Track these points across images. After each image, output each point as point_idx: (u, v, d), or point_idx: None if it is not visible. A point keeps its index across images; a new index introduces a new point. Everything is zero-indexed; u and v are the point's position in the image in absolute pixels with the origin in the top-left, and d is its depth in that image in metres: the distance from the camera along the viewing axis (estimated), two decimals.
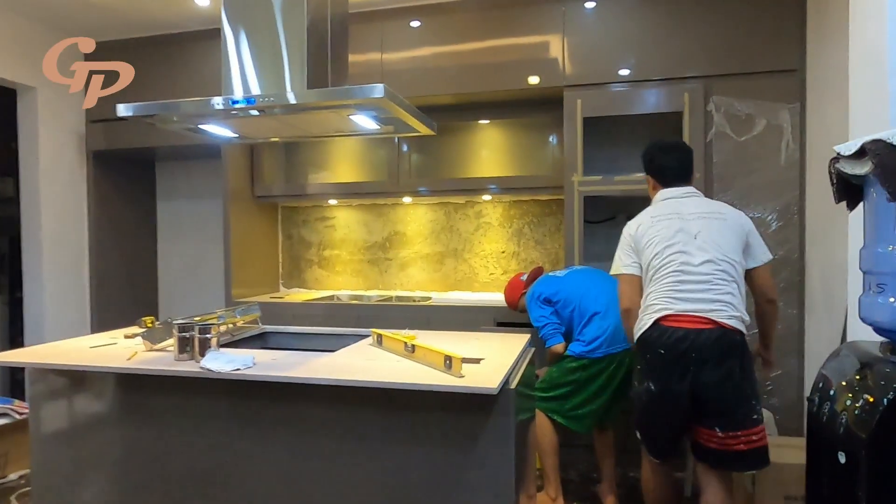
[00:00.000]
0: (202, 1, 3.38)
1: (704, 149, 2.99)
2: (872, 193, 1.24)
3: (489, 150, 3.84)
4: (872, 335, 1.38)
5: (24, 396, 3.53)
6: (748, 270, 2.07)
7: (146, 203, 4.52)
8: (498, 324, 3.22)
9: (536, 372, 2.64)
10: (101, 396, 2.03)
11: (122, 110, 2.18)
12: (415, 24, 3.42)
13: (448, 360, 1.70)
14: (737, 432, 1.91)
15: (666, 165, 2.20)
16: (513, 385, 1.70)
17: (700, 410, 1.95)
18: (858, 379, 1.23)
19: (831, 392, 1.26)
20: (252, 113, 2.10)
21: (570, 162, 3.17)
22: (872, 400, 1.12)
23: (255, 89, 2.21)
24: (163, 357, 1.95)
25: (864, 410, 1.14)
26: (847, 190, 1.30)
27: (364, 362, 1.88)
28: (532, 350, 2.22)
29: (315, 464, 1.82)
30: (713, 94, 2.99)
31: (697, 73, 3.03)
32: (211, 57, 3.66)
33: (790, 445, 2.41)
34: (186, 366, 1.83)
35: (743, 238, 2.04)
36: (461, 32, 3.36)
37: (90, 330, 3.98)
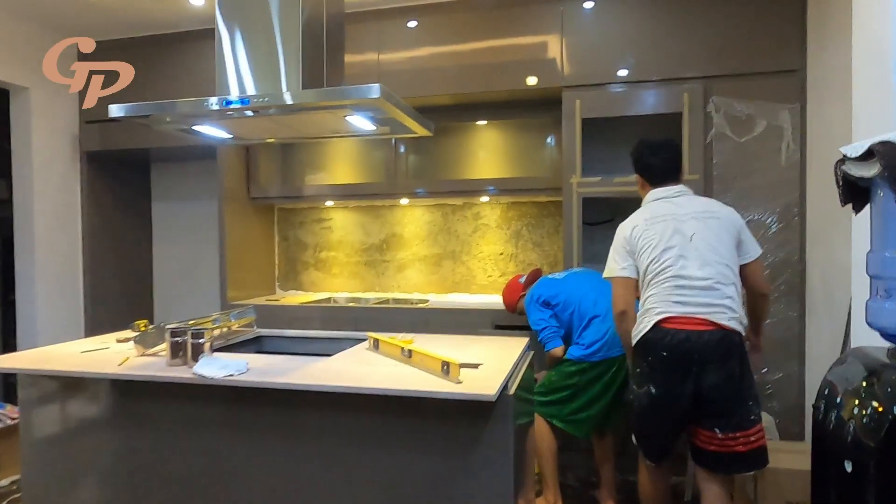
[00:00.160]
0: (196, 0, 3.35)
1: (704, 150, 2.97)
2: (880, 196, 1.21)
3: (487, 152, 3.82)
4: (878, 340, 1.36)
5: (17, 401, 3.48)
6: (741, 266, 2.07)
7: (141, 205, 4.48)
8: (496, 326, 3.19)
9: (535, 376, 2.61)
10: (93, 402, 1.99)
11: (115, 111, 2.14)
12: (412, 24, 3.40)
13: (445, 366, 1.67)
14: (736, 433, 1.92)
15: (654, 164, 2.19)
16: (511, 391, 1.68)
17: (701, 412, 1.94)
18: (865, 386, 1.20)
19: (838, 399, 1.23)
20: (247, 113, 2.07)
21: (569, 163, 3.15)
22: (882, 409, 1.09)
23: (250, 89, 2.17)
24: (155, 362, 1.92)
25: (873, 419, 1.11)
26: (853, 192, 1.27)
27: (360, 368, 1.85)
28: (531, 354, 2.20)
29: (311, 471, 1.79)
30: (713, 95, 2.97)
31: (697, 74, 3.01)
32: (206, 57, 3.63)
33: (792, 450, 2.38)
34: (179, 371, 1.80)
35: (736, 236, 2.05)
36: (459, 32, 3.33)
37: (84, 333, 3.93)
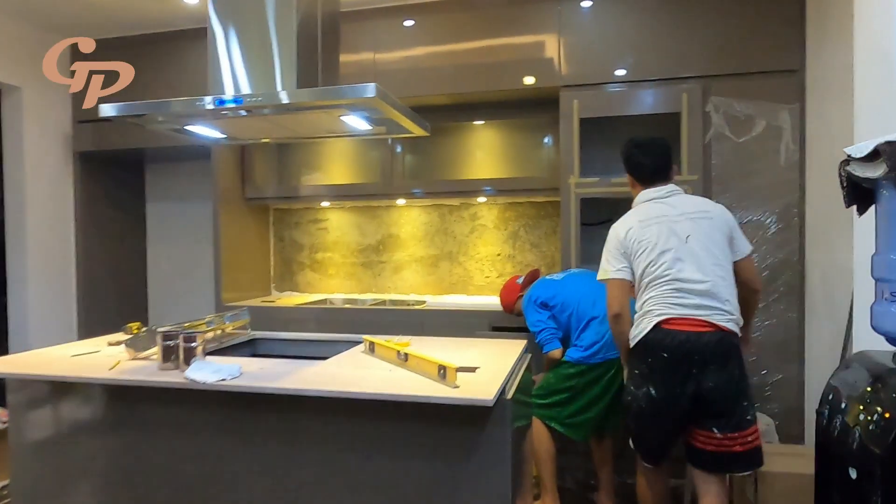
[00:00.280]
0: None
1: (703, 150, 2.94)
2: (885, 197, 1.19)
3: (484, 152, 3.79)
4: (882, 345, 1.34)
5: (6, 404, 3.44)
6: (734, 263, 2.06)
7: (135, 205, 4.43)
8: (493, 328, 3.16)
9: (533, 378, 2.59)
10: (84, 406, 1.95)
11: (107, 110, 2.10)
12: (408, 24, 3.36)
13: (442, 370, 1.64)
14: (734, 433, 1.92)
15: (643, 164, 2.18)
16: (509, 395, 1.65)
17: (700, 413, 1.94)
18: (871, 392, 1.18)
19: (842, 405, 1.21)
20: (241, 113, 2.03)
21: (567, 163, 3.12)
22: (888, 415, 1.07)
23: (244, 88, 2.14)
24: (146, 366, 1.88)
25: (879, 426, 1.09)
26: (858, 193, 1.25)
27: (355, 371, 1.82)
28: (528, 356, 2.17)
29: (306, 476, 1.76)
30: (712, 95, 2.95)
31: (696, 74, 2.98)
32: (202, 56, 3.59)
33: (792, 454, 2.36)
34: (170, 376, 1.76)
35: (728, 234, 2.05)
36: (455, 32, 3.30)
37: (77, 336, 3.89)
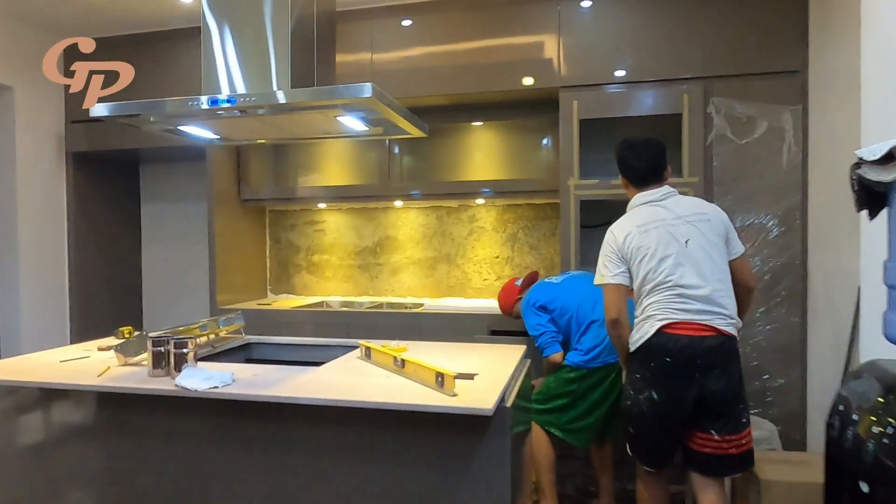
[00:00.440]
0: None
1: (704, 152, 2.91)
2: None
3: (482, 153, 3.75)
4: (893, 353, 1.30)
5: None
6: (729, 262, 2.05)
7: (129, 206, 4.38)
8: (492, 332, 3.13)
9: (532, 383, 2.55)
10: (73, 412, 1.90)
11: (98, 110, 2.06)
12: (406, 23, 3.33)
13: (440, 378, 1.60)
14: (731, 436, 1.93)
15: (636, 166, 2.15)
16: (509, 403, 1.61)
17: (701, 416, 1.94)
18: (883, 403, 1.14)
19: (853, 416, 1.17)
20: (235, 113, 1.99)
21: (566, 165, 3.08)
22: None
23: (239, 88, 2.11)
24: (136, 372, 1.84)
25: (894, 439, 1.05)
26: (869, 197, 1.21)
27: (351, 378, 1.78)
28: (528, 362, 2.13)
29: (300, 485, 1.71)
30: (713, 96, 2.91)
31: (697, 74, 2.95)
32: (195, 56, 3.54)
33: (795, 461, 2.32)
34: (160, 383, 1.72)
35: (725, 235, 2.04)
36: (454, 32, 3.27)
37: (69, 340, 3.84)
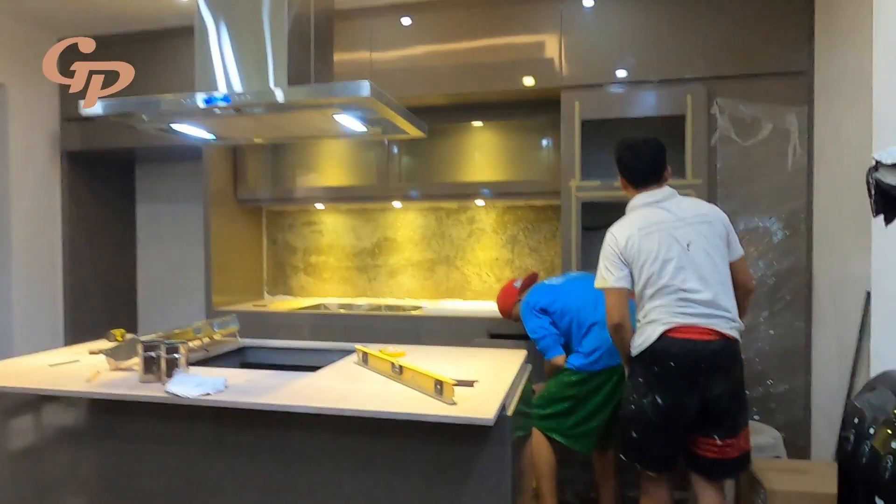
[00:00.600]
0: None
1: (708, 153, 2.86)
2: None
3: (482, 154, 3.70)
4: None
5: None
6: (729, 263, 2.03)
7: (125, 207, 4.33)
8: (491, 335, 3.08)
9: (533, 387, 2.50)
10: (61, 418, 1.86)
11: (91, 109, 2.00)
12: (405, 22, 3.28)
13: (439, 385, 1.55)
14: (731, 439, 1.94)
15: (634, 166, 2.11)
16: (510, 411, 1.56)
17: (705, 420, 1.93)
18: None
19: (869, 429, 1.12)
20: (231, 112, 1.94)
21: (568, 166, 3.04)
22: None
23: (234, 86, 2.05)
24: (127, 378, 1.79)
25: None
26: (887, 202, 1.16)
27: (347, 385, 1.73)
28: (529, 367, 2.09)
29: (295, 494, 1.66)
30: (717, 97, 2.87)
31: (700, 75, 2.90)
32: (192, 55, 3.49)
33: (800, 470, 2.28)
34: (151, 389, 1.67)
35: (725, 237, 2.03)
36: (454, 31, 3.22)
37: (63, 342, 3.78)
